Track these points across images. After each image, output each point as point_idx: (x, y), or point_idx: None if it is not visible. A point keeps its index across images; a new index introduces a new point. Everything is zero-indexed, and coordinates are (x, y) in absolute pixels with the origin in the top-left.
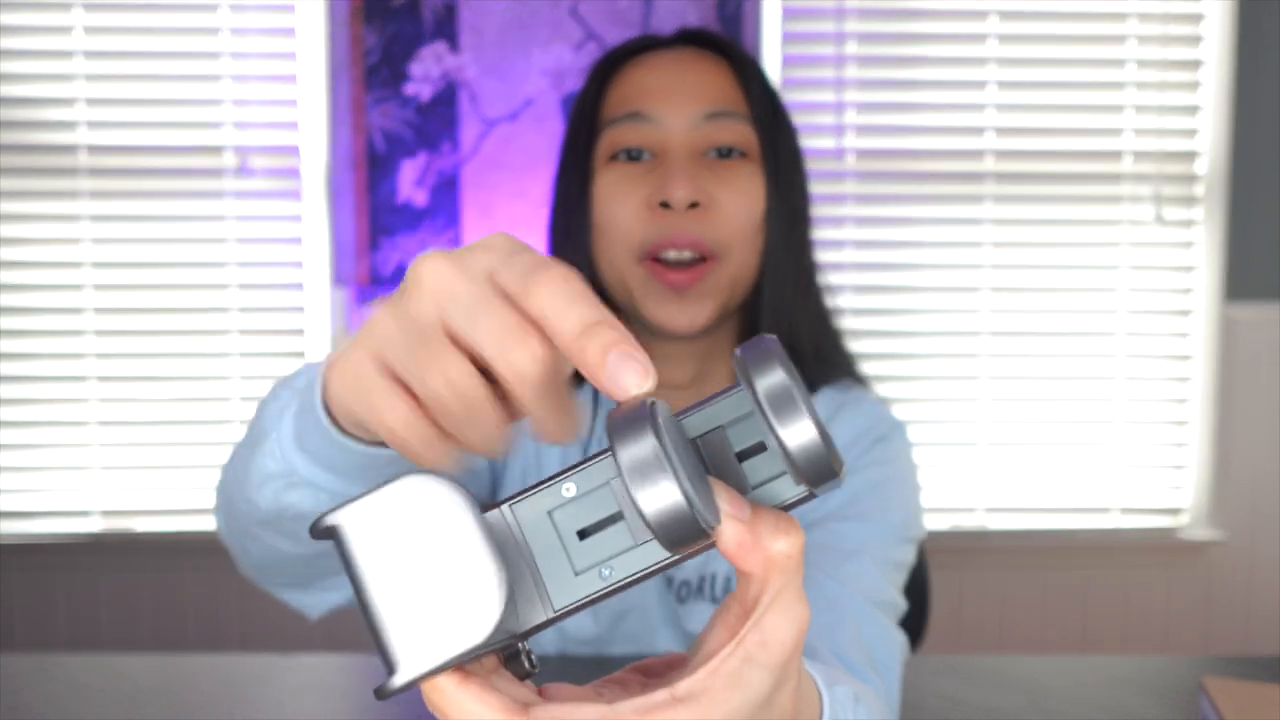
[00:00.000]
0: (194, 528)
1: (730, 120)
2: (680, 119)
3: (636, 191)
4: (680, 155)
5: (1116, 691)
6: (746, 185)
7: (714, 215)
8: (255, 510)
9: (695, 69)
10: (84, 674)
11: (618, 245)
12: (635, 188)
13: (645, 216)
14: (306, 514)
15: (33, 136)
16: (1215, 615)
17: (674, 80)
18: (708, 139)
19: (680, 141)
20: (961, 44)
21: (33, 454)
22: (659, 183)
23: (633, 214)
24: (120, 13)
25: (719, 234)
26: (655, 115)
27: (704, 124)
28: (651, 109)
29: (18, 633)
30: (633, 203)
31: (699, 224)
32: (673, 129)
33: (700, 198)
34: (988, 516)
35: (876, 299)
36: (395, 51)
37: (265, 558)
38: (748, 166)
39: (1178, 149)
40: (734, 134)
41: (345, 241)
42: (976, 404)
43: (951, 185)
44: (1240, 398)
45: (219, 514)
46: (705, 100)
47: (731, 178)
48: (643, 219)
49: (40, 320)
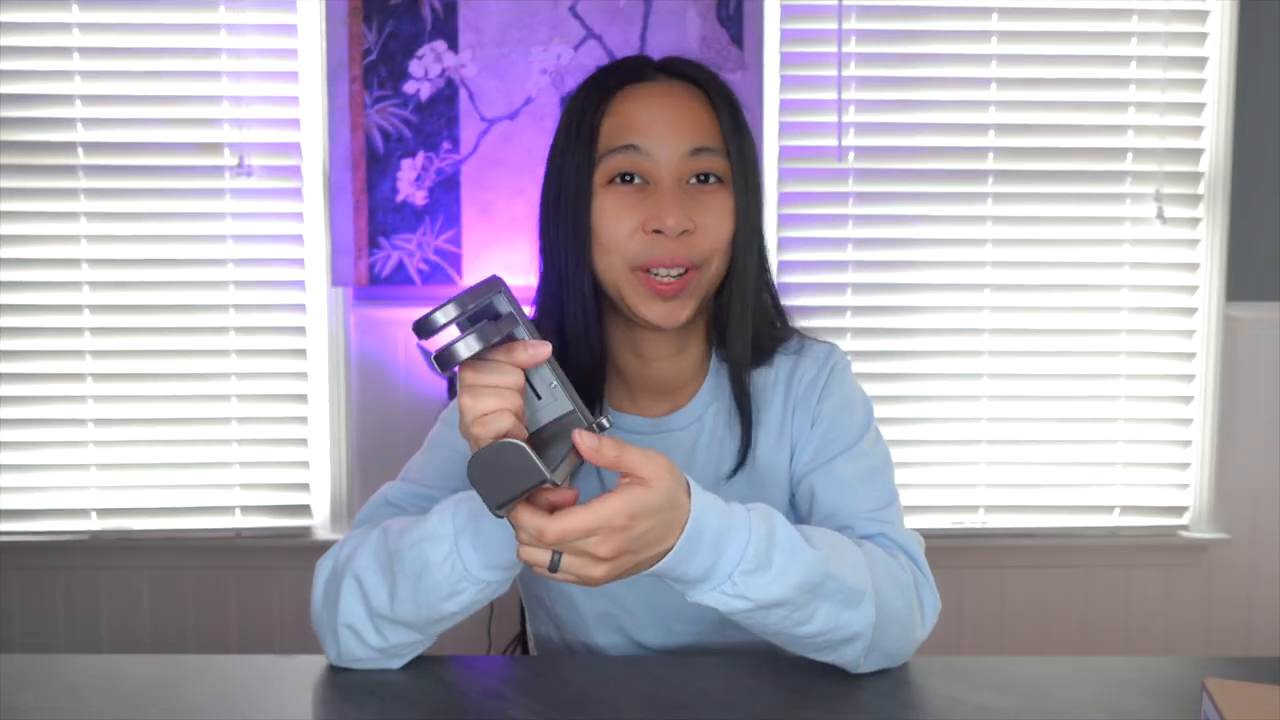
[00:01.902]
0: (193, 527)
1: (710, 155)
2: (670, 153)
3: (633, 215)
4: (670, 186)
5: (1117, 692)
6: (722, 210)
7: (697, 238)
8: (432, 628)
9: (682, 106)
10: (82, 674)
11: (614, 257)
12: (632, 212)
13: (640, 237)
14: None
15: (30, 134)
16: (1217, 615)
17: (665, 117)
18: (691, 169)
19: (670, 173)
20: (962, 42)
21: (31, 453)
22: (653, 210)
23: (629, 233)
24: (118, 10)
25: (701, 251)
26: (649, 149)
27: (689, 158)
28: (645, 143)
29: (16, 633)
30: (629, 224)
31: (686, 247)
32: (663, 162)
33: (688, 225)
34: (988, 516)
35: (877, 298)
36: (395, 50)
37: (361, 653)
38: (723, 193)
39: (1180, 147)
40: (712, 164)
41: (344, 240)
42: (977, 403)
43: (952, 184)
44: (1242, 398)
45: (325, 613)
46: (691, 137)
47: (712, 204)
48: (638, 239)
49: (38, 319)
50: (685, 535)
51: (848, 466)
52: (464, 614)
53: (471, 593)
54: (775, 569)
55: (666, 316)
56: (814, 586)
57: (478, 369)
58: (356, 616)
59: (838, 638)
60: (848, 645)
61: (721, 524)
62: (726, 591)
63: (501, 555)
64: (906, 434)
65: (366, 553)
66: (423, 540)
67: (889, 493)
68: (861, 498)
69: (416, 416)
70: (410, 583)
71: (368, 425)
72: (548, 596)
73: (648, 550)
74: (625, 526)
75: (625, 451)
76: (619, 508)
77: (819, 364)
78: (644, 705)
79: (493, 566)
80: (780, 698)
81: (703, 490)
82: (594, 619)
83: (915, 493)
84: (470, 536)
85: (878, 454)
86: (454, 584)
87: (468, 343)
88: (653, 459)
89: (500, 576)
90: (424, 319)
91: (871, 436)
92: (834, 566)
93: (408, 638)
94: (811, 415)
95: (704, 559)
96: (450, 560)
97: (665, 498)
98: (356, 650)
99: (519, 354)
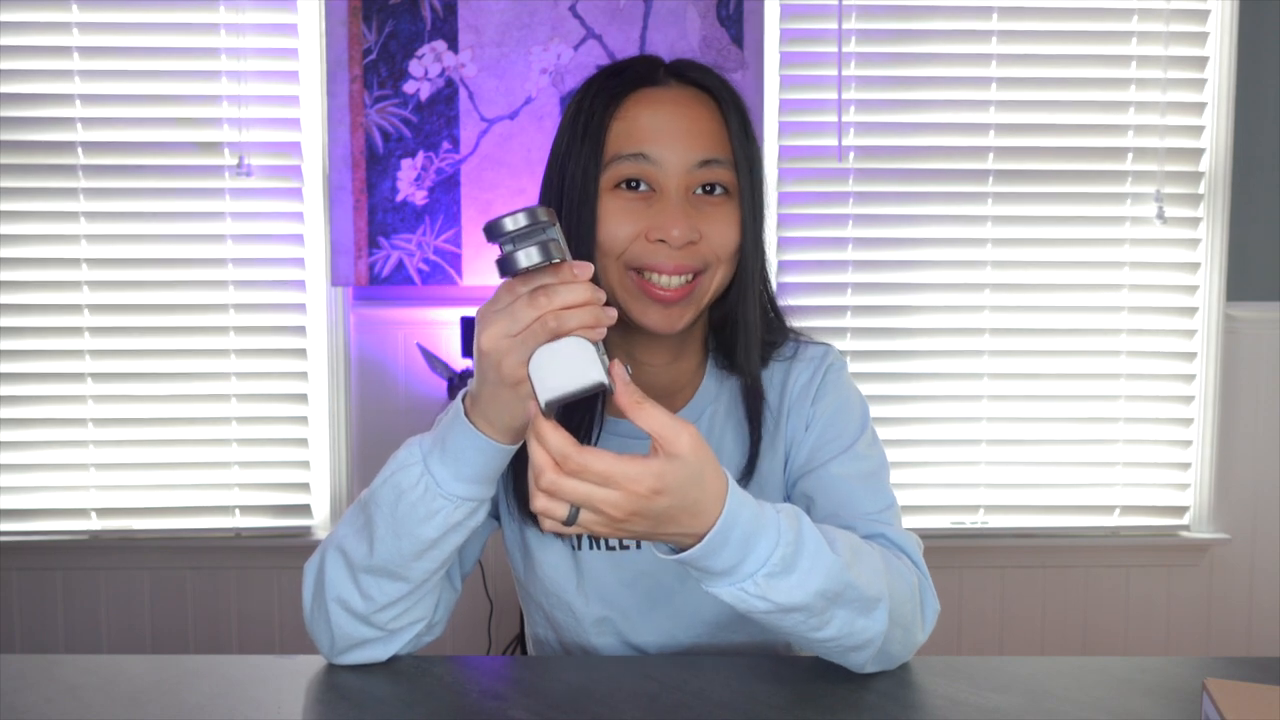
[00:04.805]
0: (193, 527)
1: (718, 167)
2: (678, 163)
3: (637, 222)
4: (677, 196)
5: (1117, 692)
6: (728, 221)
7: (702, 248)
8: (413, 568)
9: (692, 115)
10: (82, 674)
11: (613, 259)
12: (637, 219)
13: (643, 244)
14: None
15: (30, 134)
16: (1217, 615)
17: (674, 126)
18: (699, 180)
19: (676, 183)
20: (962, 42)
21: (31, 453)
22: (658, 219)
23: (631, 238)
24: (118, 10)
25: (705, 260)
26: (657, 158)
27: (697, 169)
28: (654, 151)
29: (16, 633)
30: (633, 230)
31: (689, 256)
32: (671, 171)
33: (693, 237)
34: (988, 516)
35: (877, 298)
36: (395, 50)
37: (352, 629)
38: (729, 204)
39: (1180, 147)
40: (720, 176)
41: (344, 240)
42: (977, 403)
43: (952, 184)
44: (1243, 398)
45: (315, 607)
46: (700, 148)
47: (717, 215)
48: (640, 245)
49: (38, 319)
50: (716, 529)
51: (845, 468)
52: (443, 544)
53: (447, 510)
54: (798, 574)
55: (664, 322)
56: (834, 594)
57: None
58: (342, 584)
59: (849, 644)
60: (857, 652)
61: (752, 523)
62: (748, 590)
63: (471, 467)
64: (906, 434)
65: (344, 525)
66: (394, 473)
67: (887, 495)
68: (859, 500)
69: (416, 416)
70: (387, 516)
71: (367, 425)
72: (545, 601)
73: (664, 526)
74: (646, 494)
75: (649, 403)
76: (646, 476)
77: (813, 366)
78: (644, 706)
79: (463, 479)
80: (780, 698)
81: (737, 486)
82: (591, 623)
83: (915, 493)
84: (439, 455)
85: (875, 456)
86: (429, 503)
87: (529, 253)
88: (681, 432)
89: (472, 491)
90: (495, 221)
91: (868, 438)
92: (854, 575)
93: (392, 590)
94: (806, 418)
95: (730, 555)
96: (423, 481)
97: (693, 473)
98: (347, 626)
99: (565, 274)
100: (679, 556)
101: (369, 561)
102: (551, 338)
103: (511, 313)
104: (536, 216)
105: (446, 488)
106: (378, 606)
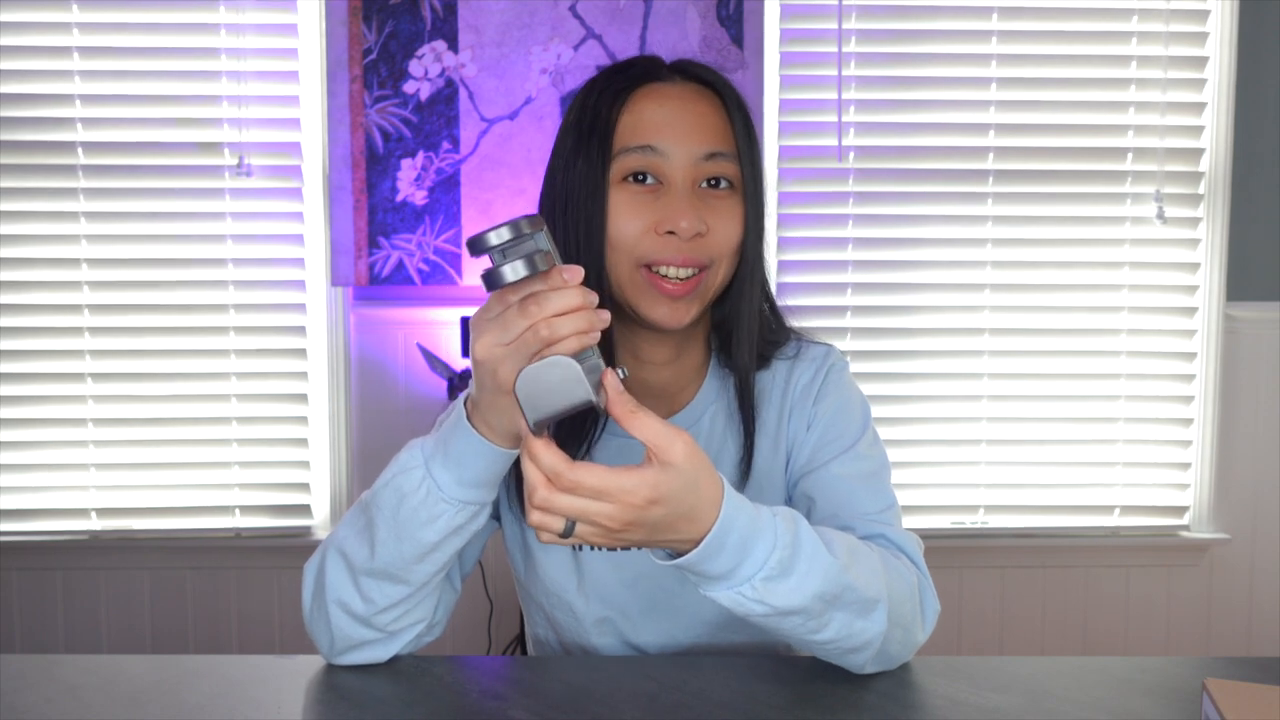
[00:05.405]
0: (193, 527)
1: (723, 160)
2: (685, 156)
3: (645, 216)
4: (684, 188)
5: (1117, 692)
6: (732, 215)
7: (709, 241)
8: (414, 571)
9: (696, 110)
10: (82, 674)
11: (623, 254)
12: (645, 212)
13: (652, 238)
14: (470, 532)
15: (30, 134)
16: (1217, 615)
17: (681, 120)
18: (705, 173)
19: (684, 176)
20: (962, 42)
21: (31, 453)
22: (666, 212)
23: (640, 233)
24: (118, 10)
25: (711, 254)
26: (664, 150)
27: (703, 162)
28: (661, 144)
29: (16, 633)
30: (642, 224)
31: (697, 249)
32: (678, 163)
33: (701, 228)
34: (988, 516)
35: (877, 298)
36: (395, 50)
37: (352, 630)
38: (733, 198)
39: (1180, 147)
40: (725, 169)
41: (344, 240)
42: (978, 403)
43: (953, 184)
44: (1243, 398)
45: (315, 608)
46: (706, 141)
47: (723, 209)
48: (649, 238)
49: (38, 319)
50: (713, 534)
51: (846, 468)
52: (444, 548)
53: (449, 515)
54: (796, 577)
55: (671, 317)
56: (832, 597)
57: (539, 283)
58: (342, 587)
59: (847, 646)
60: (856, 653)
61: (749, 527)
62: (745, 594)
63: (473, 471)
64: (907, 434)
65: (345, 527)
66: (396, 476)
67: (888, 495)
68: (860, 500)
69: (416, 416)
70: (389, 520)
71: (367, 425)
72: (546, 601)
73: (661, 533)
74: (642, 505)
75: (643, 411)
76: (641, 487)
77: (815, 366)
78: (644, 706)
79: (466, 483)
80: (780, 698)
81: (733, 490)
82: (592, 624)
83: (915, 493)
84: (441, 459)
85: (876, 456)
86: (431, 507)
87: (514, 267)
88: (675, 440)
89: (473, 495)
90: (478, 236)
91: (869, 439)
92: (852, 577)
93: (392, 593)
94: (807, 418)
95: (727, 560)
96: (425, 485)
97: (688, 481)
98: (347, 628)
99: (555, 280)
100: (676, 562)
101: (370, 564)
102: (544, 345)
103: (503, 322)
104: (520, 229)
105: (449, 492)
106: (378, 609)
